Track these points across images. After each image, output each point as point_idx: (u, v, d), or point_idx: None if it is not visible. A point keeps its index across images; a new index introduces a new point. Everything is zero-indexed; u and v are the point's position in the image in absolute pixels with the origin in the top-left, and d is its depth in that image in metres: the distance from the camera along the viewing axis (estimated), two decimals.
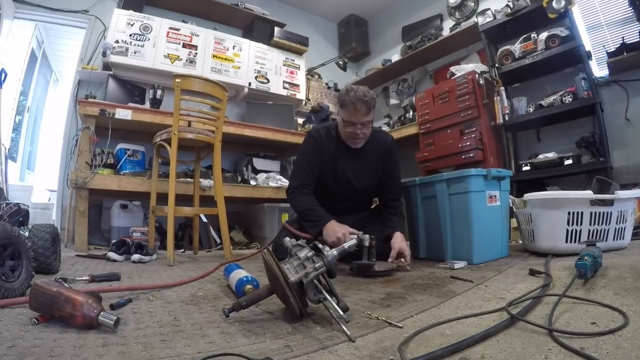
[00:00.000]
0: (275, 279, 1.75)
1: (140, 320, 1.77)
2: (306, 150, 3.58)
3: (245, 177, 6.19)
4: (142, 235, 4.83)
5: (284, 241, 1.97)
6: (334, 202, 3.62)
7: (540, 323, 1.54)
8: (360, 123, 3.32)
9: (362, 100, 3.25)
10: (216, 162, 4.36)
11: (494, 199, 3.44)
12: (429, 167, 6.09)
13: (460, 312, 1.83)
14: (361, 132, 3.37)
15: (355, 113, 3.28)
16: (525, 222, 3.57)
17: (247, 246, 5.81)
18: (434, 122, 6.16)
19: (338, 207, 3.61)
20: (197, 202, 4.92)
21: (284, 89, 7.44)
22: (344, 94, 3.33)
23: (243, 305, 1.77)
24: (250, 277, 2.25)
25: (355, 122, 3.32)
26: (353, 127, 3.35)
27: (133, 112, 5.22)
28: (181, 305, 2.08)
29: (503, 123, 5.61)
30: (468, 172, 3.31)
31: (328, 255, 1.87)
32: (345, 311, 1.69)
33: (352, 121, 3.32)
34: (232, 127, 5.96)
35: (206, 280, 2.82)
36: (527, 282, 2.37)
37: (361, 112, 3.28)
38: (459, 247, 3.38)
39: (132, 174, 5.17)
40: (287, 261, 1.87)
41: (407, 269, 3.12)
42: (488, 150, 5.54)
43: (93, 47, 6.11)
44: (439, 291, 2.29)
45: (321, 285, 1.79)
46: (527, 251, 3.69)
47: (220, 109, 4.33)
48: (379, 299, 2.14)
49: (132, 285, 2.52)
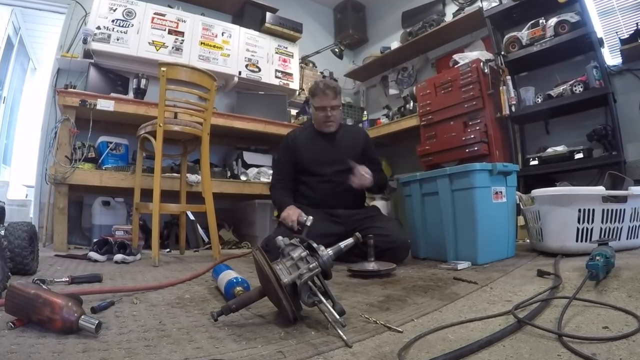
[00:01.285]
0: (267, 280, 1.75)
1: (123, 325, 1.76)
2: (280, 149, 4.23)
3: (235, 172, 6.18)
4: (125, 234, 4.81)
5: (276, 240, 1.96)
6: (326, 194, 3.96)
7: (549, 327, 1.53)
8: (330, 106, 3.98)
9: (329, 86, 3.99)
10: (204, 156, 4.36)
11: (499, 196, 3.44)
12: (431, 162, 6.08)
13: (463, 315, 1.83)
14: (331, 114, 4.00)
15: (324, 97, 3.98)
16: (533, 220, 3.57)
17: (237, 245, 5.82)
18: (436, 114, 6.15)
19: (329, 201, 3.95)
20: (184, 199, 4.93)
21: (276, 78, 7.41)
22: (314, 86, 4.08)
23: (233, 309, 1.77)
24: (240, 278, 2.25)
25: (325, 106, 3.98)
26: (324, 111, 4.00)
27: (116, 102, 5.19)
28: (167, 308, 2.07)
29: (509, 114, 5.59)
30: (472, 167, 3.30)
31: (323, 255, 1.86)
32: (342, 315, 1.68)
33: (323, 105, 3.99)
34: (221, 118, 5.95)
35: (194, 282, 2.82)
36: (535, 284, 2.37)
37: (329, 96, 3.97)
38: (462, 247, 3.38)
39: (114, 168, 5.14)
40: (280, 261, 1.86)
41: None
42: (493, 144, 5.53)
43: (73, 34, 6.07)
44: (441, 293, 2.29)
45: (316, 287, 1.79)
46: (535, 251, 3.70)
47: (208, 99, 4.32)
48: (378, 302, 2.13)
49: (114, 287, 2.52)
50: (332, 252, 1.94)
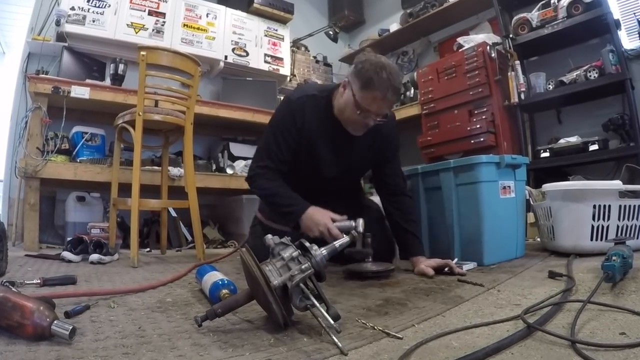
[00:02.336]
0: (256, 282, 1.74)
1: (100, 330, 1.75)
2: (281, 122, 3.14)
3: (220, 165, 6.18)
4: (102, 232, 4.80)
5: (265, 239, 1.95)
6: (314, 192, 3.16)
7: (561, 333, 1.53)
8: (379, 114, 2.93)
9: (395, 88, 2.85)
10: (187, 148, 4.34)
11: (507, 191, 3.44)
12: (433, 154, 6.11)
13: (469, 320, 1.83)
14: (374, 123, 2.97)
15: (381, 102, 2.86)
16: (544, 217, 3.57)
17: (222, 245, 5.83)
18: (439, 102, 6.18)
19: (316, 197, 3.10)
20: (165, 194, 4.92)
21: (266, 63, 7.41)
22: (372, 72, 2.79)
23: (218, 313, 1.76)
24: (226, 280, 2.25)
25: (374, 112, 2.89)
26: (368, 116, 2.92)
27: (91, 89, 5.19)
28: (147, 312, 2.07)
29: (518, 102, 5.61)
30: (478, 159, 3.30)
31: (316, 255, 1.87)
32: (336, 320, 1.68)
33: (371, 110, 2.88)
34: (206, 107, 5.95)
35: (176, 284, 2.82)
36: (546, 286, 2.38)
37: (388, 103, 2.91)
38: (467, 246, 3.38)
39: (90, 161, 5.14)
40: (269, 262, 1.85)
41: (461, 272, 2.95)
42: (501, 134, 5.55)
43: (45, 15, 6.03)
44: (444, 296, 2.29)
45: (308, 290, 1.79)
46: (546, 250, 3.71)
47: (191, 86, 4.31)
48: (375, 306, 2.13)
49: (90, 289, 2.51)
50: (326, 252, 1.94)
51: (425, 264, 3.01)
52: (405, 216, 3.29)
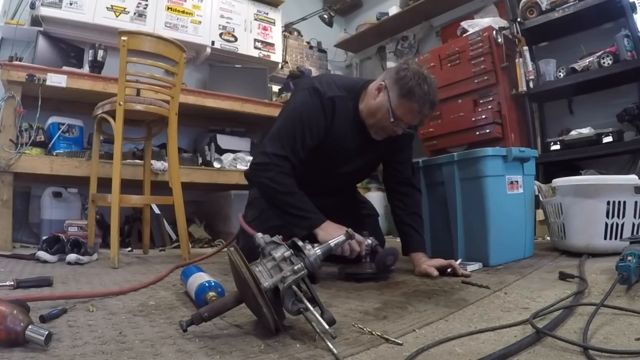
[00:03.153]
0: (245, 284, 1.73)
1: (78, 336, 1.75)
2: (312, 116, 3.05)
3: (207, 159, 6.17)
4: (80, 231, 4.79)
5: (255, 237, 1.94)
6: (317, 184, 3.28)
7: (573, 339, 1.53)
8: (409, 124, 3.09)
9: (432, 103, 2.99)
10: (171, 140, 4.34)
11: (515, 186, 3.45)
12: (435, 146, 6.12)
13: (473, 325, 1.83)
14: (402, 132, 3.09)
15: (417, 115, 3.00)
16: (555, 214, 3.58)
17: (209, 244, 5.83)
18: (442, 90, 6.00)
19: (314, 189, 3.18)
20: (148, 190, 4.90)
21: (256, 49, 7.40)
22: (415, 84, 2.90)
23: (205, 317, 1.76)
24: (213, 282, 2.24)
25: (406, 122, 3.03)
26: (399, 125, 3.04)
27: (68, 77, 5.13)
28: (128, 317, 2.06)
29: (527, 91, 5.60)
30: (483, 152, 3.30)
31: (310, 255, 1.86)
32: (332, 324, 1.68)
33: (404, 120, 3.00)
34: (192, 96, 5.92)
35: (159, 287, 2.81)
36: (556, 289, 2.38)
37: (424, 116, 3.05)
38: (472, 245, 3.39)
39: (67, 154, 5.12)
40: (260, 262, 1.84)
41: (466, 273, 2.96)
42: (508, 125, 5.55)
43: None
44: (447, 299, 2.29)
45: (301, 293, 1.78)
46: (556, 250, 3.71)
47: (176, 73, 4.31)
48: (373, 310, 2.13)
49: (67, 292, 2.51)
50: (321, 252, 1.93)
51: (427, 263, 3.02)
52: (409, 209, 3.34)
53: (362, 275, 2.90)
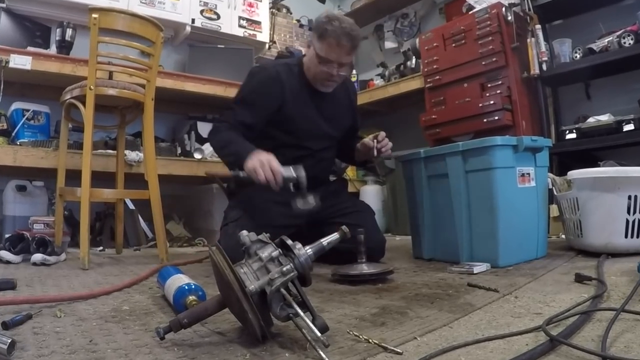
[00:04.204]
0: (228, 287, 1.72)
1: (44, 344, 1.74)
2: (257, 85, 3.65)
3: (187, 149, 6.16)
4: (46, 228, 4.78)
5: (239, 235, 1.93)
6: None
7: (590, 348, 1.54)
8: (339, 63, 3.49)
9: (348, 35, 3.38)
10: (147, 128, 4.33)
11: (527, 178, 3.45)
12: (439, 135, 6.10)
13: (481, 332, 1.83)
14: (338, 72, 3.52)
15: (337, 49, 3.41)
16: (570, 209, 3.58)
17: (189, 242, 5.83)
18: (446, 73, 6.15)
19: None
20: (122, 183, 4.89)
21: (240, 28, 7.38)
22: (326, 23, 3.39)
23: (184, 324, 1.74)
24: (193, 284, 2.24)
25: (333, 61, 3.46)
26: (330, 66, 3.49)
27: (34, 59, 5.11)
28: (99, 323, 2.06)
29: (539, 74, 5.59)
30: (492, 142, 3.30)
31: (300, 255, 1.85)
32: (324, 331, 1.67)
33: (330, 59, 3.45)
34: (170, 79, 5.91)
35: (134, 290, 2.82)
36: (572, 292, 2.38)
37: (345, 49, 3.42)
38: (479, 244, 3.39)
39: (32, 143, 5.09)
40: (245, 263, 1.84)
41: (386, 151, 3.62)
42: (519, 112, 5.54)
43: None
44: (451, 304, 2.29)
45: (291, 296, 1.78)
46: (572, 249, 3.72)
47: (152, 55, 4.29)
48: (370, 315, 2.13)
49: (32, 296, 2.50)
50: (312, 251, 1.93)
51: None
52: None
53: (357, 277, 2.89)
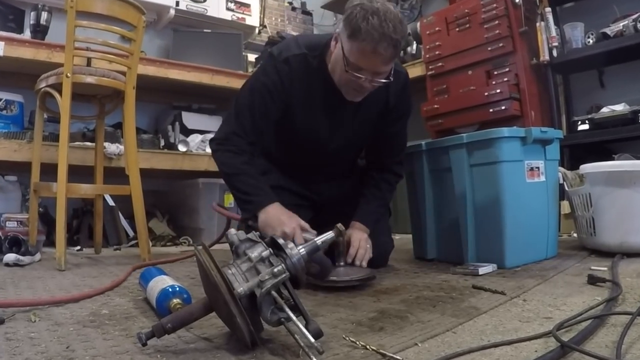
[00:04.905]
0: (215, 289, 1.72)
1: (17, 351, 1.74)
2: (262, 84, 3.12)
3: (170, 141, 6.15)
4: (20, 226, 4.78)
5: (227, 234, 1.94)
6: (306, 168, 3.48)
7: (604, 354, 1.53)
8: (375, 72, 2.84)
9: (390, 39, 2.68)
10: (128, 119, 4.32)
11: (536, 173, 3.44)
12: (441, 126, 6.10)
13: (486, 338, 1.82)
14: (370, 84, 2.89)
15: (372, 56, 2.74)
16: (583, 206, 3.58)
17: (173, 241, 5.83)
18: (449, 60, 6.14)
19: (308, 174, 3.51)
20: (101, 177, 4.88)
21: (228, 11, 7.38)
22: (361, 18, 2.68)
23: (168, 329, 1.74)
24: (178, 287, 2.23)
25: (367, 69, 2.81)
26: (360, 77, 2.83)
27: (6, 44, 5.09)
28: (77, 328, 2.05)
29: (550, 61, 5.59)
30: (498, 133, 3.29)
31: (293, 254, 1.85)
32: (318, 337, 1.66)
33: (361, 67, 2.80)
34: (152, 66, 5.90)
35: (114, 292, 2.81)
36: (584, 295, 2.39)
37: (383, 57, 2.76)
38: (484, 244, 3.39)
39: (4, 135, 5.08)
40: (233, 264, 1.83)
41: None
42: (527, 101, 5.53)
43: None
44: (455, 307, 2.29)
45: (282, 300, 1.77)
46: (584, 249, 3.72)
47: (134, 40, 4.29)
48: (368, 320, 2.13)
49: (4, 299, 2.49)
50: (305, 251, 1.93)
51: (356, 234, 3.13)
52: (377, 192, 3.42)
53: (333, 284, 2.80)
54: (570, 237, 4.35)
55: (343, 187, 3.58)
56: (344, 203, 3.43)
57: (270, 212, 2.88)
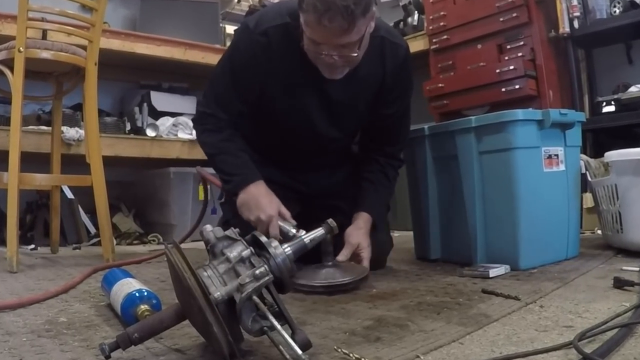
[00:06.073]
0: (189, 294, 1.70)
1: None
2: (237, 58, 3.16)
3: (138, 124, 6.15)
4: None
5: (202, 230, 1.91)
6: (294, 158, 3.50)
7: None
8: (331, 45, 2.76)
9: (336, 7, 2.54)
10: (89, 99, 4.30)
11: (554, 161, 3.44)
12: (446, 107, 6.11)
13: (498, 349, 1.81)
14: (334, 60, 2.84)
15: (319, 29, 2.68)
16: (608, 199, 3.58)
17: (141, 239, 5.83)
18: (455, 32, 6.14)
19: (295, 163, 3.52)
20: (58, 166, 4.85)
21: None
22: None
23: (134, 339, 1.71)
24: (146, 291, 2.22)
25: (323, 44, 2.77)
26: (317, 50, 2.82)
27: None
28: (31, 338, 2.04)
29: (570, 33, 5.57)
30: (511, 116, 3.27)
31: (277, 254, 1.84)
32: (306, 349, 1.65)
33: (316, 41, 2.78)
34: (117, 39, 5.88)
35: (73, 297, 2.81)
36: (610, 300, 2.38)
37: (331, 29, 2.65)
38: (495, 242, 3.39)
39: None
40: (209, 264, 1.81)
41: None
42: (545, 79, 5.54)
43: None
44: (462, 315, 2.28)
45: (266, 306, 1.76)
46: (610, 248, 3.73)
47: (95, 9, 4.25)
48: (363, 329, 2.12)
49: None
50: (291, 250, 1.92)
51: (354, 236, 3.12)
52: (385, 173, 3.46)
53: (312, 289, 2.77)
54: (594, 235, 4.36)
55: (335, 178, 3.57)
56: (336, 196, 3.44)
57: (251, 191, 2.99)
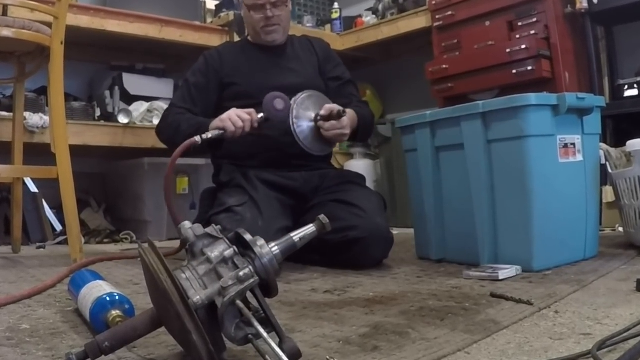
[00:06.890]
0: (165, 298, 1.69)
1: None
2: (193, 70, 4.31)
3: (108, 110, 6.07)
4: None
5: (181, 227, 1.88)
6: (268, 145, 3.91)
7: None
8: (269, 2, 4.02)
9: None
10: (55, 82, 4.27)
11: (571, 151, 3.44)
12: (451, 91, 6.10)
13: (508, 359, 1.81)
14: (273, 13, 4.06)
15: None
16: (630, 193, 3.58)
17: (112, 237, 5.81)
18: (461, 8, 6.12)
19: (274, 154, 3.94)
20: (20, 156, 4.85)
21: None
22: None
23: (105, 348, 1.70)
24: (118, 295, 2.21)
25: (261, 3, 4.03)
26: (261, 10, 4.06)
27: None
28: None
29: (588, 9, 5.55)
30: (523, 100, 3.26)
31: (263, 254, 1.81)
32: (295, 359, 1.65)
33: (257, 3, 4.04)
34: (85, 15, 5.82)
35: (37, 302, 2.80)
36: (632, 305, 2.38)
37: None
38: (506, 241, 3.38)
39: None
40: (188, 266, 1.80)
41: None
42: (560, 60, 5.53)
43: None
44: (469, 321, 2.28)
45: (250, 311, 1.75)
46: (632, 247, 3.73)
47: None
48: (358, 336, 2.11)
49: None
50: (279, 249, 1.91)
51: None
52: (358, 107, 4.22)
53: None
54: (615, 232, 4.36)
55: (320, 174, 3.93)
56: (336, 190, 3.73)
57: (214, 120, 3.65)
